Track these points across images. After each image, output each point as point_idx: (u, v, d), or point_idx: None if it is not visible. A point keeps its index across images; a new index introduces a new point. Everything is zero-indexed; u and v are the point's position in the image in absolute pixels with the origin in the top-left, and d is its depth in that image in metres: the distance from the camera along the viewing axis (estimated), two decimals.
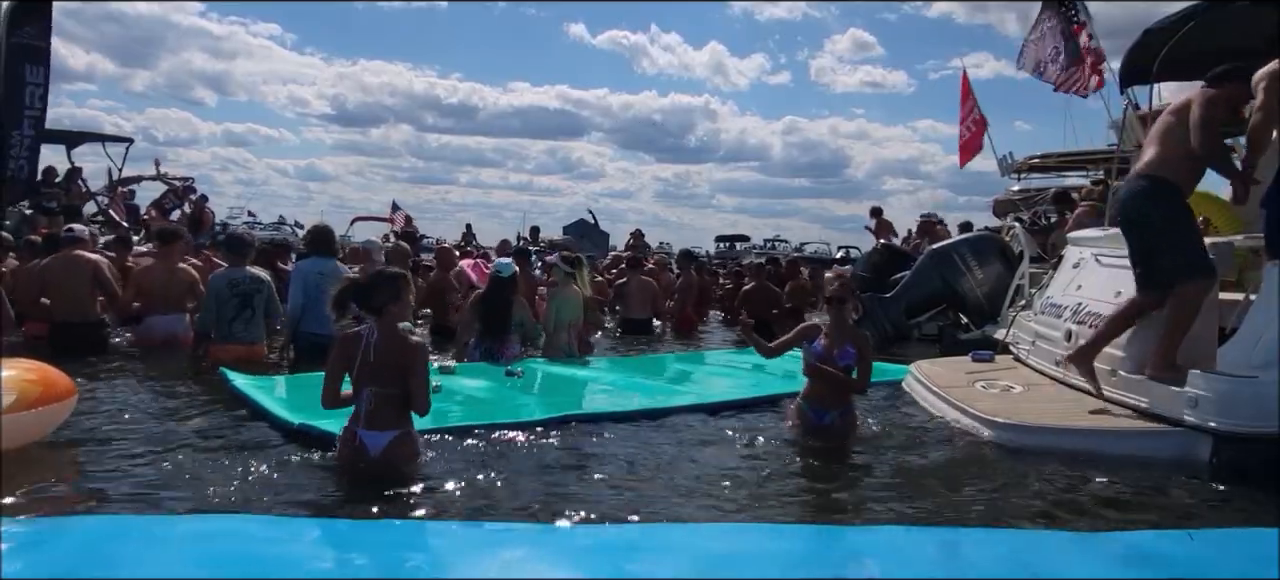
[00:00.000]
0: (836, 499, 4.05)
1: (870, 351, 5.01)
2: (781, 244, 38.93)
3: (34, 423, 4.18)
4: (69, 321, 7.05)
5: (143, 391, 5.81)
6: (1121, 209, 5.06)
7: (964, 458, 4.70)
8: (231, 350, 6.47)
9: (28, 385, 4.17)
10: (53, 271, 7.10)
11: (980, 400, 5.29)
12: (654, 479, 4.16)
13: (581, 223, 20.23)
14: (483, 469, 4.12)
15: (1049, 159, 15.18)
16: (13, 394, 4.04)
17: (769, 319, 10.81)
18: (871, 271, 10.72)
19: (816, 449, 4.82)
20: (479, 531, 3.24)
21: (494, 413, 5.23)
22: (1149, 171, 4.85)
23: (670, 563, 2.91)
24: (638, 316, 10.49)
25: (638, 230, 15.04)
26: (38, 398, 4.18)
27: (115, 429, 4.78)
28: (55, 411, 4.34)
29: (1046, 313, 6.33)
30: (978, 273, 9.33)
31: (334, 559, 2.83)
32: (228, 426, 4.92)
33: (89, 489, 3.82)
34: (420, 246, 13.49)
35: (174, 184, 15.61)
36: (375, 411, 3.91)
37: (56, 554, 2.63)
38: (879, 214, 12.44)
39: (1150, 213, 4.81)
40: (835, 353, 4.86)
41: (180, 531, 2.91)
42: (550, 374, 6.80)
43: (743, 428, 5.24)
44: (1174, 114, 4.91)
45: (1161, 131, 4.94)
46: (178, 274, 7.47)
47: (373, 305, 3.94)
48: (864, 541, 3.29)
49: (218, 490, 3.74)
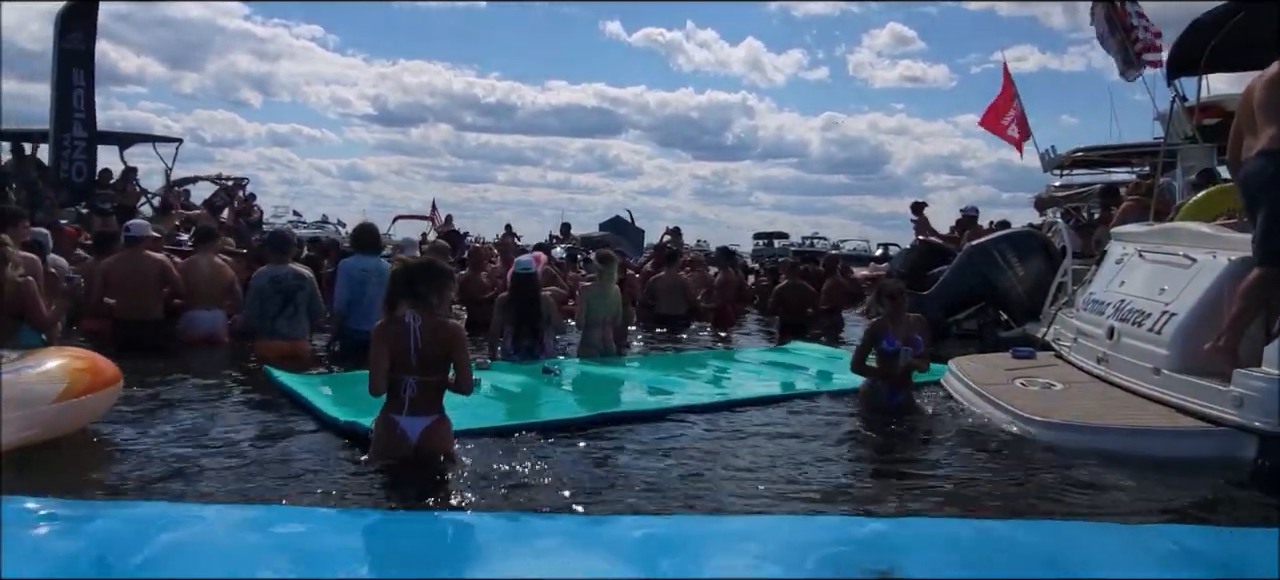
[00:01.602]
0: (874, 493, 4.07)
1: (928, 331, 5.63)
2: (820, 241, 38.66)
3: (83, 409, 4.35)
4: (132, 319, 7.11)
5: (188, 385, 5.97)
6: (1244, 187, 4.85)
7: (1003, 455, 4.66)
8: (275, 346, 6.62)
9: (77, 373, 4.34)
10: (117, 270, 7.20)
11: (1020, 397, 5.23)
12: (690, 474, 4.18)
13: (617, 220, 20.22)
14: (520, 465, 4.18)
15: (1093, 153, 14.90)
16: (63, 381, 4.21)
17: (804, 317, 10.78)
18: (910, 269, 10.62)
19: (852, 443, 4.83)
20: (516, 524, 3.28)
21: (531, 410, 5.30)
22: (1271, 146, 4.61)
23: (706, 555, 2.93)
24: (669, 312, 10.47)
25: (675, 228, 14.99)
26: (87, 385, 4.35)
27: (160, 420, 4.93)
28: (102, 398, 4.51)
29: (1089, 309, 6.24)
30: (1018, 269, 9.19)
31: (374, 549, 2.89)
32: (271, 420, 5.05)
33: (132, 475, 3.95)
34: (464, 245, 13.60)
35: (225, 183, 15.98)
36: (417, 398, 3.98)
37: (102, 534, 2.72)
38: (921, 209, 12.24)
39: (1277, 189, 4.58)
40: (909, 344, 5.35)
41: (225, 519, 2.99)
42: (587, 372, 6.85)
43: (778, 424, 5.25)
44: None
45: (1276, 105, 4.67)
46: (218, 270, 7.59)
47: (415, 293, 4.00)
48: (901, 533, 3.27)
49: (260, 481, 3.86)
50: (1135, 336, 5.29)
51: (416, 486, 3.78)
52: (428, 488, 3.78)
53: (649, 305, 10.58)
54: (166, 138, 16.32)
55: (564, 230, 17.23)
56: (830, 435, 4.98)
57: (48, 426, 4.14)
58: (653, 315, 10.49)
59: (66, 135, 12.61)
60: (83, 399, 4.32)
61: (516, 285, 7.27)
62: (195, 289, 7.44)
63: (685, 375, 6.85)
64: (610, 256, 8.11)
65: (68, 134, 12.62)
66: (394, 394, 4.01)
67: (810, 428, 5.16)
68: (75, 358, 4.49)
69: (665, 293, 10.49)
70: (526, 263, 7.54)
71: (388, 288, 4.12)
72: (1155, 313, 5.19)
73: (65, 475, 3.89)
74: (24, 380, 4.10)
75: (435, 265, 4.27)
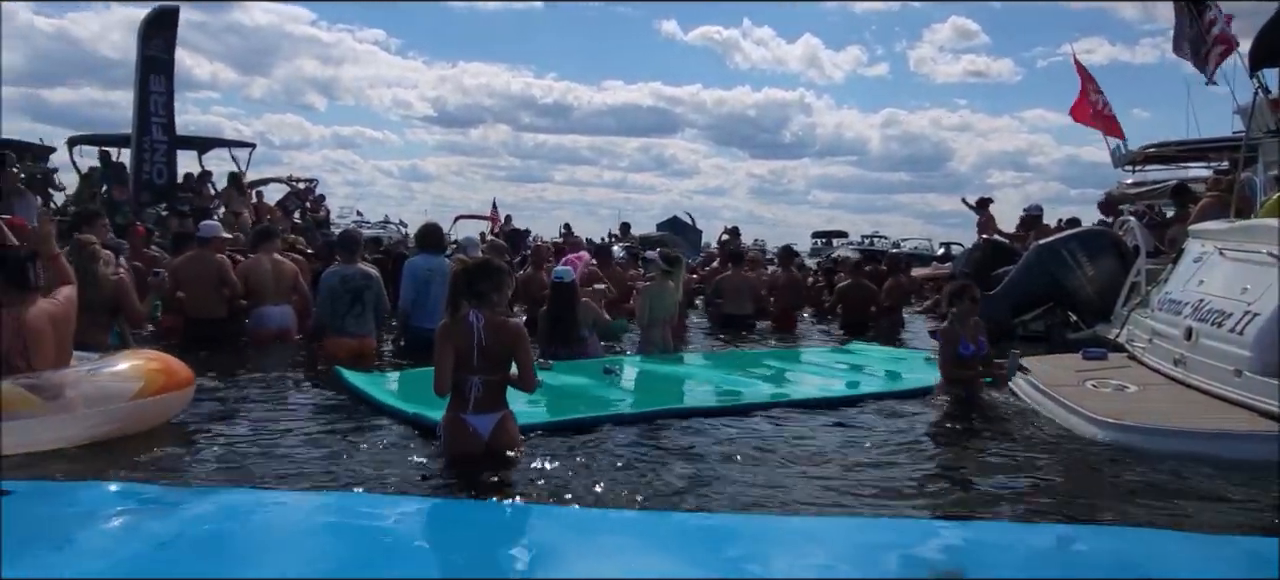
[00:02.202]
0: (941, 496, 4.00)
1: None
2: (880, 240, 38.03)
3: (158, 408, 4.57)
4: (200, 317, 7.40)
5: (260, 380, 6.18)
6: None
7: (1075, 458, 4.56)
8: (344, 344, 6.79)
9: (153, 373, 4.56)
10: (186, 269, 7.50)
11: (1092, 399, 5.10)
12: (753, 473, 4.18)
13: (675, 220, 20.26)
14: (582, 460, 4.24)
15: (1167, 149, 14.39)
16: (140, 381, 4.42)
17: (866, 316, 10.65)
18: (973, 268, 10.39)
19: (919, 445, 4.77)
20: (583, 518, 3.34)
21: (591, 407, 5.36)
22: None
23: (773, 555, 2.94)
24: (736, 312, 10.41)
25: (734, 227, 14.93)
26: (161, 385, 4.56)
27: (235, 413, 5.13)
28: (176, 398, 4.72)
29: (1165, 310, 6.05)
30: (1089, 269, 8.93)
31: (448, 539, 2.97)
32: (341, 415, 5.20)
33: (213, 464, 4.12)
34: (526, 244, 13.76)
35: (296, 186, 16.47)
36: (482, 397, 4.08)
37: (192, 518, 2.85)
38: (986, 206, 11.93)
39: None
40: (977, 345, 5.50)
41: (306, 505, 3.11)
42: (646, 370, 6.89)
43: (842, 424, 5.21)
44: None
45: None
46: (280, 267, 7.75)
47: (476, 292, 4.08)
48: (971, 538, 3.24)
49: (334, 472, 3.99)
50: (1215, 337, 5.12)
51: (485, 479, 3.87)
52: (496, 480, 3.86)
53: (715, 304, 10.54)
54: (241, 142, 16.89)
55: (623, 230, 17.30)
56: (897, 437, 4.92)
57: (124, 424, 4.36)
58: (719, 315, 10.44)
59: (147, 138, 13.14)
60: (157, 398, 4.53)
61: (553, 293, 7.37)
62: (260, 287, 7.59)
63: (746, 373, 6.84)
64: (678, 257, 8.13)
65: (148, 137, 13.15)
66: (459, 393, 4.09)
67: (875, 428, 5.11)
68: (150, 359, 4.71)
69: (732, 292, 10.42)
70: (566, 271, 7.60)
71: (449, 288, 4.22)
72: (1237, 313, 5.01)
73: (152, 462, 4.08)
74: (102, 379, 4.34)
75: (493, 264, 4.36)
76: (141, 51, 13.05)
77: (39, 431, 4.01)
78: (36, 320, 4.18)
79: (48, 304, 4.32)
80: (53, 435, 4.06)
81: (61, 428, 4.10)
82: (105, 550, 2.52)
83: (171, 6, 13.36)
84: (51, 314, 4.29)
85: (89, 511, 2.84)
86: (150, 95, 13.10)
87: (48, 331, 4.23)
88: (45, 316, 4.24)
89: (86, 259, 5.69)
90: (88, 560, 2.43)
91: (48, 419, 4.06)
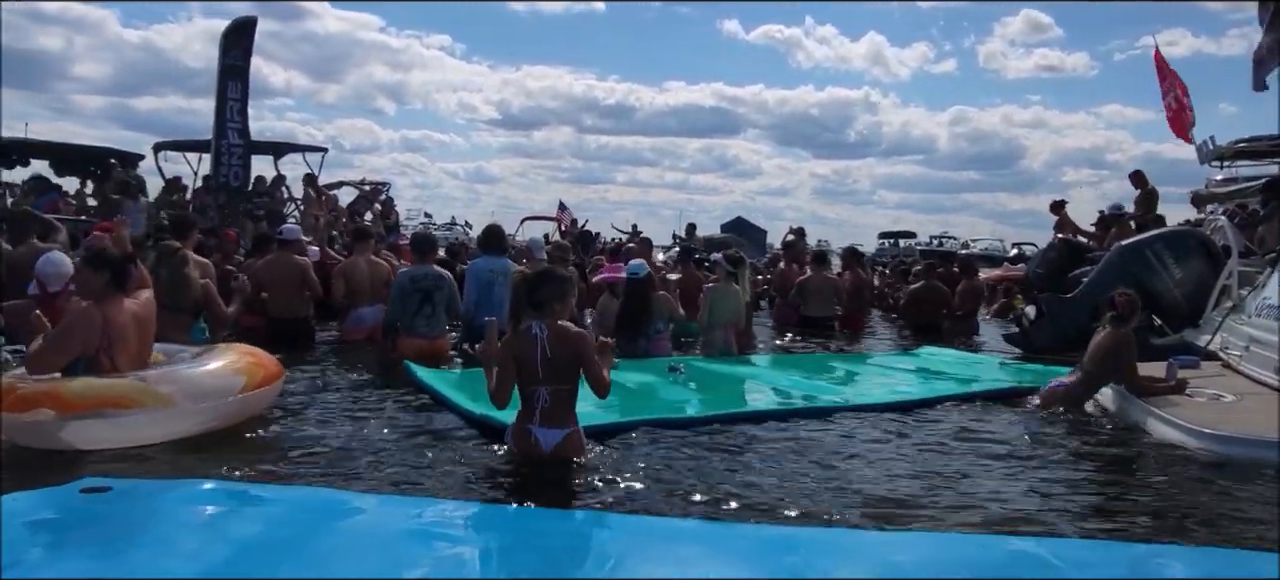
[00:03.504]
0: (1017, 509, 3.80)
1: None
2: (949, 240, 37.19)
3: (257, 401, 4.73)
4: (281, 317, 7.66)
5: (336, 379, 6.32)
6: None
7: (1163, 470, 4.35)
8: (415, 344, 6.88)
9: (253, 368, 4.72)
10: (267, 271, 7.74)
11: (1186, 408, 4.86)
12: (820, 480, 4.10)
13: (739, 220, 20.18)
14: (648, 464, 4.21)
15: (1259, 144, 13.70)
16: (244, 375, 4.58)
17: (938, 319, 10.38)
18: (1048, 269, 10.05)
19: (994, 453, 4.60)
20: (650, 525, 3.29)
21: (657, 408, 5.33)
22: None
23: (843, 568, 2.86)
24: (819, 314, 10.21)
25: (799, 228, 14.68)
26: (261, 379, 4.72)
27: (313, 411, 5.25)
28: (271, 392, 4.88)
29: (1263, 315, 5.74)
30: (1175, 271, 8.51)
31: (516, 544, 2.97)
32: (413, 414, 5.28)
33: (290, 462, 4.22)
34: (596, 247, 13.80)
35: (365, 189, 16.83)
36: (550, 409, 4.00)
37: (271, 517, 2.91)
38: (1061, 208, 11.58)
39: None
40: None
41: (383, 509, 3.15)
42: (712, 371, 6.83)
43: (913, 430, 5.08)
44: None
45: None
46: (375, 268, 7.99)
47: (535, 301, 4.01)
48: (1049, 555, 3.08)
49: (404, 472, 4.05)
50: None
51: (551, 483, 3.87)
52: (562, 485, 3.86)
53: (797, 306, 10.39)
54: (314, 146, 17.35)
55: (689, 231, 17.24)
56: (971, 445, 4.77)
57: (228, 418, 4.52)
58: (800, 317, 10.26)
59: (223, 143, 13.62)
60: (258, 392, 4.69)
61: (627, 287, 7.33)
62: (357, 287, 7.84)
63: (812, 377, 6.72)
64: (741, 258, 8.05)
65: (225, 141, 13.62)
66: (528, 404, 4.04)
67: (947, 436, 4.96)
68: (247, 354, 4.86)
69: (817, 294, 10.24)
70: (640, 266, 7.59)
71: (511, 300, 4.16)
72: None
73: (232, 460, 4.19)
74: (213, 375, 4.49)
75: (553, 273, 4.30)
76: (222, 60, 13.52)
77: (146, 426, 4.16)
78: (122, 319, 4.33)
79: (133, 304, 4.49)
80: (160, 430, 4.21)
81: (180, 421, 4.26)
82: (194, 552, 2.59)
83: (250, 16, 13.84)
84: (135, 314, 4.46)
85: (180, 509, 2.92)
86: (227, 102, 13.57)
87: (132, 329, 4.39)
88: (130, 316, 4.41)
89: (176, 264, 5.91)
90: (180, 561, 2.52)
91: (154, 413, 4.19)
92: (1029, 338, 8.76)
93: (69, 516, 2.80)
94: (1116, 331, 5.45)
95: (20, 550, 2.54)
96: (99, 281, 4.33)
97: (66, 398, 3.98)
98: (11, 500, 2.87)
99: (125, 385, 4.14)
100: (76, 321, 4.24)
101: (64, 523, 2.76)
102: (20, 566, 2.41)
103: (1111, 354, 5.42)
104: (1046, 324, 8.62)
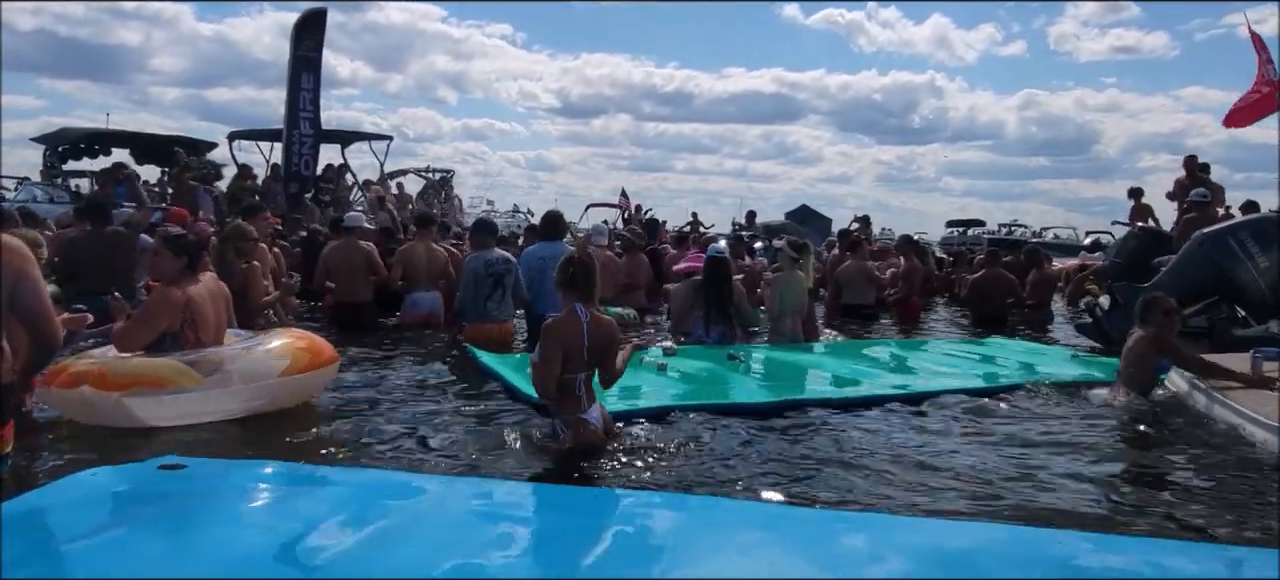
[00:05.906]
0: (1081, 503, 3.68)
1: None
2: (1020, 229, 36.14)
3: (304, 385, 4.86)
4: (346, 301, 7.94)
5: (402, 362, 6.47)
6: None
7: (1241, 468, 4.17)
8: (485, 329, 6.95)
9: (299, 352, 4.83)
10: (333, 257, 8.02)
11: (1268, 404, 4.64)
12: (882, 467, 4.05)
13: (804, 208, 19.95)
14: (709, 449, 4.22)
15: None
16: (287, 359, 4.70)
17: (1004, 310, 10.11)
18: (1127, 258, 9.70)
19: (1061, 446, 4.47)
20: (708, 505, 3.28)
21: (717, 394, 5.33)
22: None
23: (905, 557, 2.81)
24: (856, 302, 10.08)
25: (864, 216, 14.46)
26: (307, 363, 4.84)
27: (378, 394, 5.39)
28: (321, 376, 5.01)
29: None
30: (1261, 260, 8.13)
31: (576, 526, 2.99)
32: (476, 397, 5.38)
33: (355, 444, 4.33)
34: (663, 234, 13.83)
35: (431, 178, 17.18)
36: (586, 394, 4.10)
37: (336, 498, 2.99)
38: (1138, 196, 11.20)
39: None
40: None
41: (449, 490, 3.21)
42: (772, 358, 6.78)
43: (972, 419, 5.00)
44: None
45: None
46: (433, 254, 8.19)
47: (576, 286, 4.04)
48: (1111, 554, 2.96)
49: (469, 453, 4.14)
50: None
51: (612, 466, 3.92)
52: (623, 467, 3.91)
53: (835, 295, 10.29)
54: (380, 135, 17.76)
55: (749, 219, 17.13)
56: (1039, 436, 4.65)
57: (273, 399, 4.66)
58: (838, 306, 10.20)
59: (295, 132, 14.03)
60: (304, 375, 4.82)
61: (709, 269, 7.31)
62: (415, 272, 8.09)
63: (874, 365, 6.66)
64: (805, 245, 7.97)
65: (297, 131, 14.03)
66: (570, 393, 4.03)
67: (1011, 427, 4.84)
68: (298, 338, 5.01)
69: (851, 282, 10.17)
70: (720, 247, 7.56)
71: (556, 282, 4.15)
72: None
73: (298, 442, 4.34)
74: (254, 356, 4.65)
75: (574, 256, 4.25)
76: (294, 52, 13.91)
77: (198, 404, 4.37)
78: (200, 297, 4.56)
79: (208, 280, 4.74)
80: (211, 408, 4.41)
81: (218, 401, 4.44)
82: (267, 526, 2.71)
83: (320, 7, 14.19)
84: (212, 292, 4.70)
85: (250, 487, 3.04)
86: (300, 92, 13.97)
87: (209, 307, 4.62)
88: (206, 294, 4.63)
89: (226, 250, 6.22)
90: (253, 533, 2.64)
91: (207, 392, 4.38)
92: (1102, 328, 8.48)
93: (147, 490, 2.94)
94: (1145, 334, 5.41)
95: (103, 517, 2.70)
96: (178, 265, 4.54)
97: (107, 377, 4.22)
98: (92, 475, 3.02)
99: (162, 364, 4.33)
100: (161, 302, 4.48)
101: (142, 495, 2.90)
102: (105, 533, 2.56)
103: (1141, 358, 5.40)
104: (1120, 314, 8.33)
